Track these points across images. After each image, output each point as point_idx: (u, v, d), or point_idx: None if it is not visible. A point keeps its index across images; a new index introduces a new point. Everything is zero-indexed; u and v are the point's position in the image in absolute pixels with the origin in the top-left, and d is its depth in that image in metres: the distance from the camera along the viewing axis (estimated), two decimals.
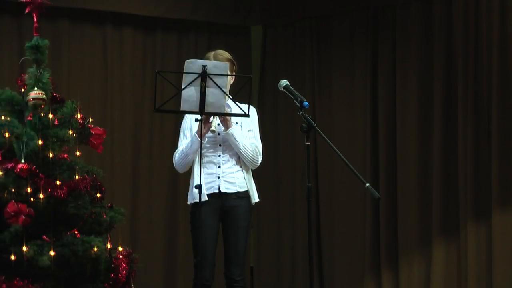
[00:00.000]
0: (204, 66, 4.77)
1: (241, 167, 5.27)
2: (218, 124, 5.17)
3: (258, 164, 5.31)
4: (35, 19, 5.56)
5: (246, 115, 4.91)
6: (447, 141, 7.19)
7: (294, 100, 4.80)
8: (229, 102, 5.07)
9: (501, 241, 6.81)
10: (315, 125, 4.69)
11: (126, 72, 7.77)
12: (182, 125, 5.32)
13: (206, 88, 4.78)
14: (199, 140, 5.00)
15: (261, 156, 5.31)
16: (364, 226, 7.57)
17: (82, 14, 7.54)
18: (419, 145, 7.34)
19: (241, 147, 5.20)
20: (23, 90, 5.51)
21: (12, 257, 5.05)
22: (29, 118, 5.37)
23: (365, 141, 7.63)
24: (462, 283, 7.01)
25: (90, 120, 5.55)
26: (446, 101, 7.20)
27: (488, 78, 6.94)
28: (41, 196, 5.20)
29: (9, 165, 5.22)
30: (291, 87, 4.88)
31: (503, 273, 6.78)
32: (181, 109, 4.87)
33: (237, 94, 5.03)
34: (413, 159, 7.35)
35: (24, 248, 5.06)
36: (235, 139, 5.17)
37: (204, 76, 4.76)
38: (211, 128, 5.08)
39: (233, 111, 5.06)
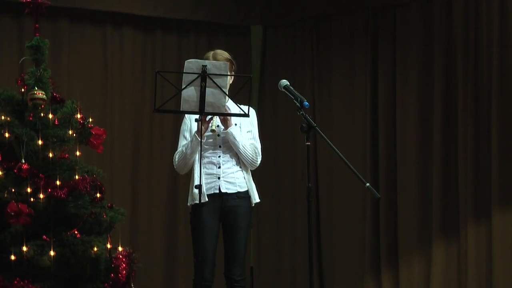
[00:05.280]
0: (204, 66, 4.77)
1: (241, 167, 5.26)
2: (218, 126, 5.17)
3: (257, 165, 5.30)
4: (35, 19, 5.57)
5: (246, 115, 4.90)
6: (447, 141, 7.18)
7: (294, 100, 4.78)
8: (229, 102, 5.07)
9: (501, 241, 6.81)
10: (315, 125, 4.68)
11: (126, 72, 7.77)
12: (182, 126, 5.31)
13: (206, 88, 4.78)
14: (199, 140, 5.00)
15: (260, 157, 5.31)
16: (364, 226, 7.56)
17: (82, 14, 7.54)
18: (419, 145, 7.33)
19: (241, 147, 5.19)
20: (23, 90, 5.51)
21: (12, 257, 5.06)
22: (29, 118, 5.37)
23: (365, 141, 7.62)
24: (462, 283, 7.01)
25: (90, 120, 5.56)
26: (446, 101, 7.20)
27: (488, 78, 6.93)
28: (41, 196, 5.20)
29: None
30: (291, 87, 4.87)
31: (503, 273, 6.78)
32: (181, 109, 4.86)
33: (237, 94, 5.02)
34: (413, 159, 7.35)
35: (24, 248, 5.06)
36: (234, 138, 5.16)
37: (204, 76, 4.76)
38: (211, 128, 5.08)
39: (233, 112, 5.06)
